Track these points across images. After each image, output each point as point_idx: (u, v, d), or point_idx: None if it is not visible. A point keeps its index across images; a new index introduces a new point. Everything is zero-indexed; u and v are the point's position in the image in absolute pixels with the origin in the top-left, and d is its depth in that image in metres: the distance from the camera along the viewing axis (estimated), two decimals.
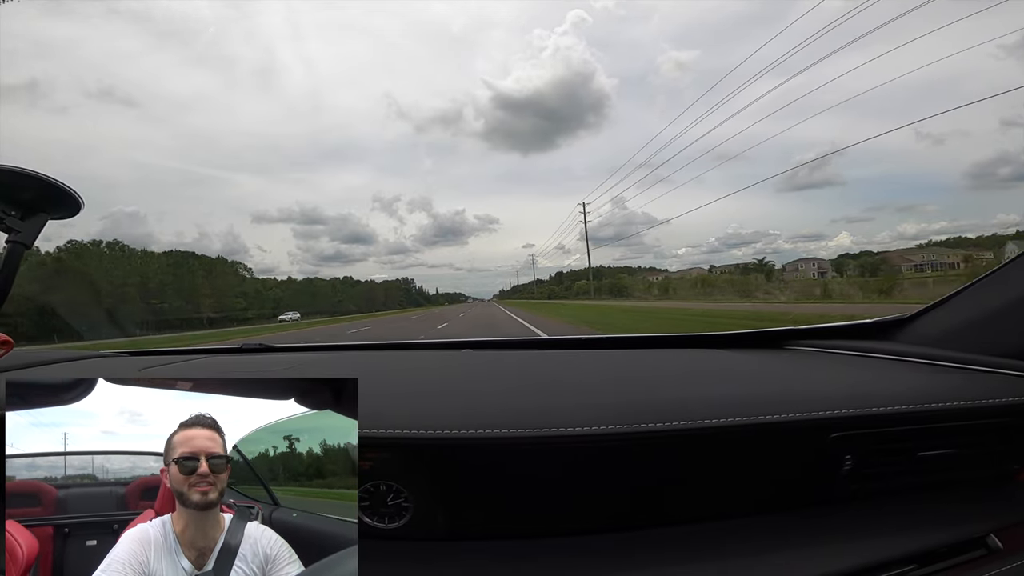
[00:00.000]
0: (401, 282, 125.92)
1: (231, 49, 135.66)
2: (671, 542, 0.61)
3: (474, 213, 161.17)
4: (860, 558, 0.58)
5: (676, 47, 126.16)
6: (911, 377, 0.75)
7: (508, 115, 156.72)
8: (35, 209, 0.67)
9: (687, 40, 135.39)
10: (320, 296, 76.17)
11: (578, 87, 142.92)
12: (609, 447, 0.60)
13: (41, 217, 0.69)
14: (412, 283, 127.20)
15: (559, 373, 0.91)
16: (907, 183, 75.26)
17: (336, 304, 75.16)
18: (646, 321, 12.39)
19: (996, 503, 0.68)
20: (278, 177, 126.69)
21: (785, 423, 0.61)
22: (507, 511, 0.64)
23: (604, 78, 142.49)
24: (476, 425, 0.61)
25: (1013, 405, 0.65)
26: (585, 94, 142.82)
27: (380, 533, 0.62)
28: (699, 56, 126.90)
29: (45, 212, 0.69)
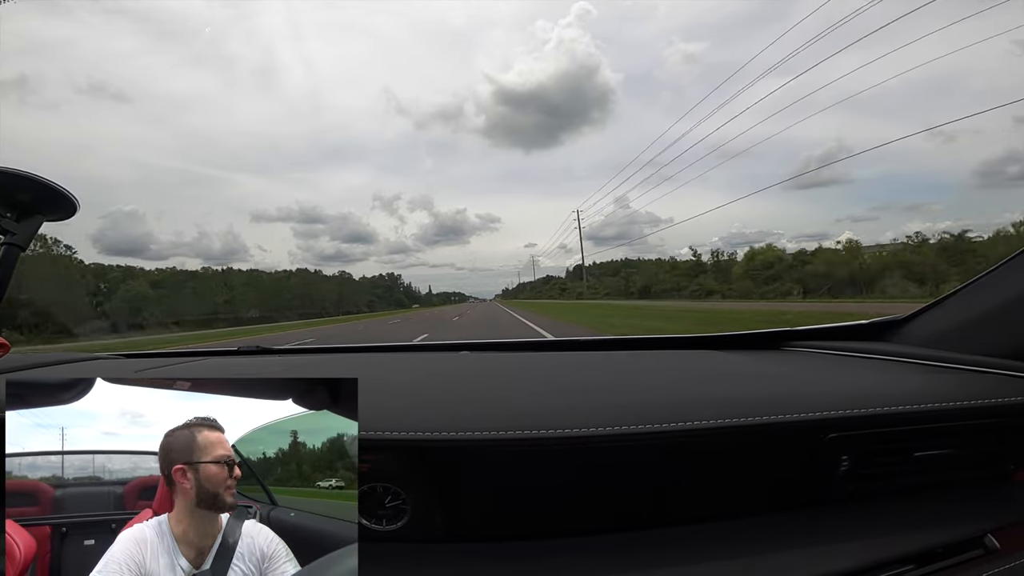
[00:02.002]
0: (385, 278, 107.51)
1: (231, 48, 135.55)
2: (669, 543, 0.61)
3: (475, 212, 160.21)
4: (858, 558, 0.58)
5: (684, 39, 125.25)
6: (907, 378, 0.75)
7: (510, 110, 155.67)
8: (30, 211, 0.67)
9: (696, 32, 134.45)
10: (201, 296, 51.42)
11: (582, 81, 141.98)
12: (606, 449, 0.60)
13: (36, 219, 0.68)
14: (399, 280, 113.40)
15: (556, 375, 0.91)
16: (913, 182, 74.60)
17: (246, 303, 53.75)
18: None
19: (993, 503, 0.68)
20: (278, 176, 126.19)
21: (782, 424, 0.61)
22: (506, 513, 0.64)
23: (609, 72, 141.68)
24: (474, 427, 0.61)
25: (1009, 405, 0.65)
26: (589, 88, 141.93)
27: (378, 535, 0.62)
28: (708, 48, 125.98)
29: (40, 214, 0.69)
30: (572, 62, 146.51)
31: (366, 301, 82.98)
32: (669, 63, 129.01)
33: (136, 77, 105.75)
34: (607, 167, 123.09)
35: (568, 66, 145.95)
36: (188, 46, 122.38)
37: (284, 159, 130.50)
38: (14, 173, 0.63)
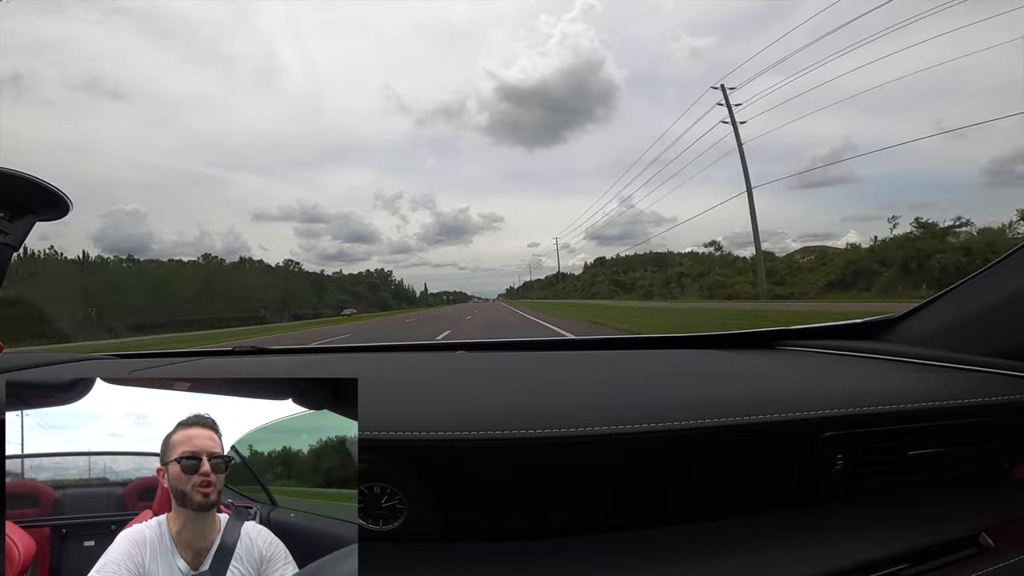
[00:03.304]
0: (374, 274, 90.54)
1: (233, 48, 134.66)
2: (663, 543, 0.62)
3: (478, 211, 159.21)
4: (852, 557, 0.58)
5: (691, 34, 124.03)
6: (901, 377, 0.76)
7: (513, 107, 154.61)
8: (23, 211, 0.67)
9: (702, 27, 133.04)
10: None
11: (586, 76, 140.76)
12: (601, 448, 0.60)
13: (29, 219, 0.68)
14: (389, 277, 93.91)
15: (552, 374, 0.91)
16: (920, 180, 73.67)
17: None
18: None
19: (987, 502, 0.69)
20: (279, 175, 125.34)
21: (776, 423, 0.62)
22: (503, 513, 0.64)
23: (614, 68, 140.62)
24: (470, 427, 0.61)
25: (1002, 404, 0.66)
26: (593, 83, 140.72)
27: (374, 535, 0.62)
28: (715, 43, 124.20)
29: (33, 214, 0.68)
30: (576, 57, 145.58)
31: (330, 303, 64.89)
32: (676, 57, 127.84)
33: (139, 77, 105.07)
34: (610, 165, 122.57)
35: (572, 61, 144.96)
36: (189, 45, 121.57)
37: (285, 158, 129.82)
38: (7, 173, 0.63)
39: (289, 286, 61.19)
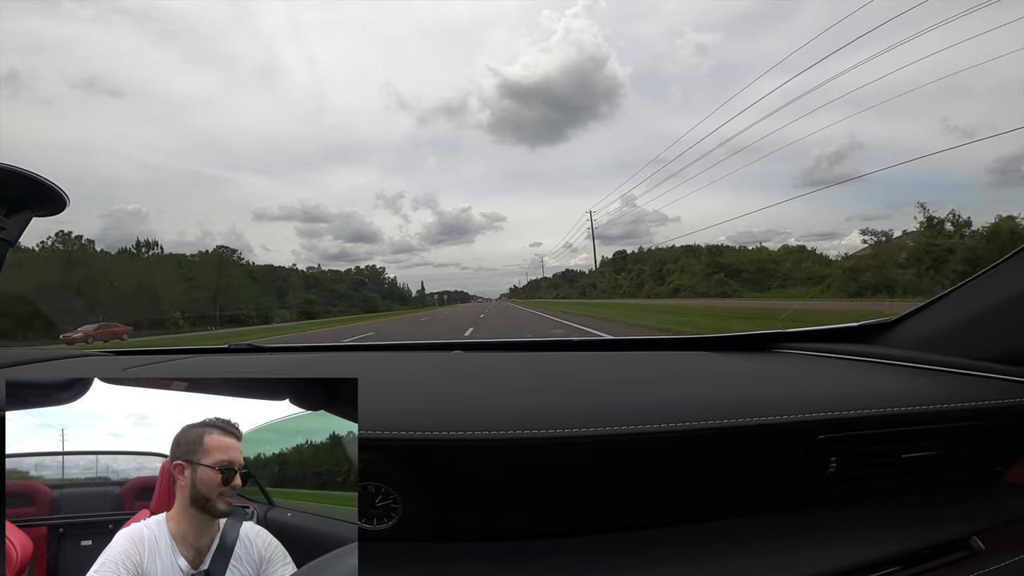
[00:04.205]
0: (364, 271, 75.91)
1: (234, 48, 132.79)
2: (659, 544, 0.62)
3: (480, 211, 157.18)
4: (845, 559, 0.59)
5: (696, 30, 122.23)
6: (896, 380, 0.76)
7: (515, 104, 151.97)
8: (20, 206, 0.67)
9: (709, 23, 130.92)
10: None
11: (590, 73, 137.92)
12: (597, 449, 0.60)
13: (26, 214, 0.68)
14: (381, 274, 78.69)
15: (548, 374, 0.91)
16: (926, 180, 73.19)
17: None
18: None
19: (979, 505, 0.70)
20: (281, 176, 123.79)
21: (772, 425, 0.62)
22: (498, 513, 0.64)
23: (618, 65, 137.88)
24: (464, 427, 0.61)
25: (995, 407, 0.67)
26: (597, 80, 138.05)
27: (369, 534, 0.62)
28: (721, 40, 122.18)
29: (29, 209, 0.68)
30: (580, 54, 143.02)
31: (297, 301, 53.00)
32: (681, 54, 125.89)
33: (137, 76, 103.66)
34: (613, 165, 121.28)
35: (576, 58, 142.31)
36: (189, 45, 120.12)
37: (286, 157, 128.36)
38: (2, 168, 0.63)
39: (227, 282, 46.43)
